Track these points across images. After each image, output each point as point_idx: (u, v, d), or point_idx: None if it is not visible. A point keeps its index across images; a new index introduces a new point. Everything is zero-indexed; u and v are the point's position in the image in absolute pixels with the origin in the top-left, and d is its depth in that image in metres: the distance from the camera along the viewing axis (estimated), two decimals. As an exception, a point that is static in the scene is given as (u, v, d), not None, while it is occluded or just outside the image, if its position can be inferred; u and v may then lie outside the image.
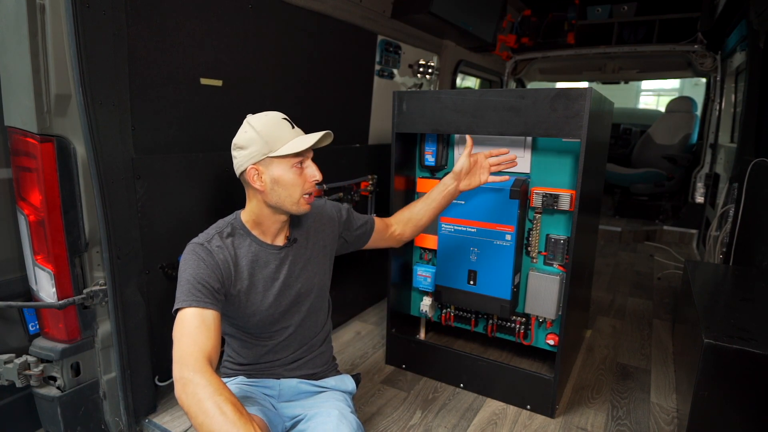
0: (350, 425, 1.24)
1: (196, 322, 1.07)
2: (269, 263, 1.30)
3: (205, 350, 1.03)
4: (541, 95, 1.62)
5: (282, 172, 1.23)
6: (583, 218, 1.76)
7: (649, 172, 4.94)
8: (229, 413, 0.93)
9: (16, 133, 1.42)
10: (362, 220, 1.56)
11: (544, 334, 1.96)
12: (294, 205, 1.25)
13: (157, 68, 1.62)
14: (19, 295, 1.58)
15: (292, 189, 1.24)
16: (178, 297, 1.12)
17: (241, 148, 1.24)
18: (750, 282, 2.12)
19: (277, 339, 1.37)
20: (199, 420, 0.93)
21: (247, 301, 1.27)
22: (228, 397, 0.95)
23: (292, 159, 1.23)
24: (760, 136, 2.84)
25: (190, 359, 1.00)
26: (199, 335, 1.05)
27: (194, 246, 1.21)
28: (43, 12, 1.32)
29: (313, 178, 1.26)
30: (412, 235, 1.68)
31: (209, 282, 1.15)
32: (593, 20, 4.53)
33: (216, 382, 0.97)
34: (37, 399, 1.55)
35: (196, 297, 1.10)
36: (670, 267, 3.74)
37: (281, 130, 1.23)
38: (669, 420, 1.80)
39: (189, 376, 0.98)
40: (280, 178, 1.23)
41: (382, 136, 2.90)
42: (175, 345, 1.04)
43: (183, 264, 1.18)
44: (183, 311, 1.09)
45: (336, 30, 2.41)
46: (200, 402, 0.94)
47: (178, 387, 0.99)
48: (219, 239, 1.24)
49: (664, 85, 11.81)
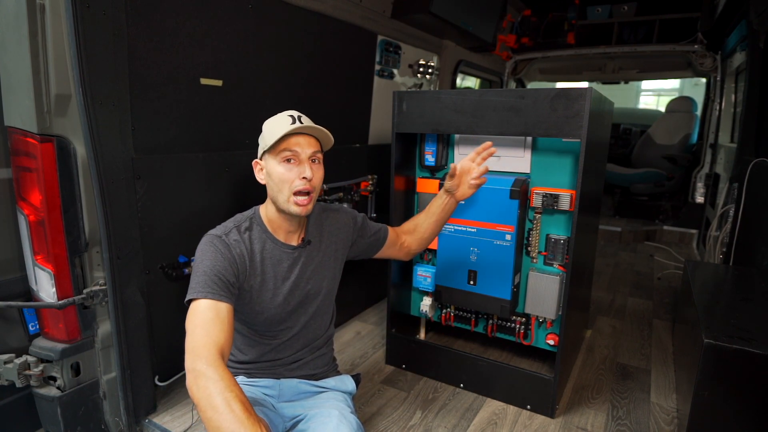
0: (350, 425, 1.24)
1: (210, 314, 1.07)
2: (282, 262, 1.31)
3: (219, 343, 1.03)
4: (541, 95, 1.62)
5: (272, 166, 1.25)
6: (583, 218, 1.76)
7: (649, 172, 4.94)
8: (237, 411, 0.93)
9: (16, 133, 1.42)
10: (375, 228, 1.57)
11: (544, 334, 1.96)
12: (285, 202, 1.25)
13: (157, 68, 1.62)
14: (19, 295, 1.58)
15: (281, 184, 1.24)
16: (193, 287, 1.11)
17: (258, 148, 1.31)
18: (750, 282, 2.12)
19: (281, 338, 1.37)
20: (207, 414, 0.93)
21: (257, 298, 1.27)
22: (238, 395, 0.95)
23: (281, 154, 1.23)
24: (760, 136, 2.84)
25: (203, 351, 1.00)
26: (213, 327, 1.05)
27: (212, 237, 1.21)
28: (43, 12, 1.32)
29: (302, 174, 1.23)
30: (419, 249, 1.67)
31: (225, 275, 1.15)
32: (593, 20, 4.53)
33: (228, 378, 0.97)
34: (37, 399, 1.55)
35: (212, 289, 1.10)
36: (670, 267, 3.74)
37: (279, 126, 1.23)
38: (669, 420, 1.80)
39: (201, 369, 0.97)
40: (271, 172, 1.25)
41: (382, 136, 2.90)
42: (189, 336, 1.04)
43: (200, 254, 1.18)
44: (197, 302, 1.09)
45: (336, 30, 2.41)
46: (210, 397, 0.94)
47: (189, 378, 0.99)
48: (237, 233, 1.25)
49: (664, 85, 11.81)
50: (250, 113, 2.00)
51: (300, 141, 1.24)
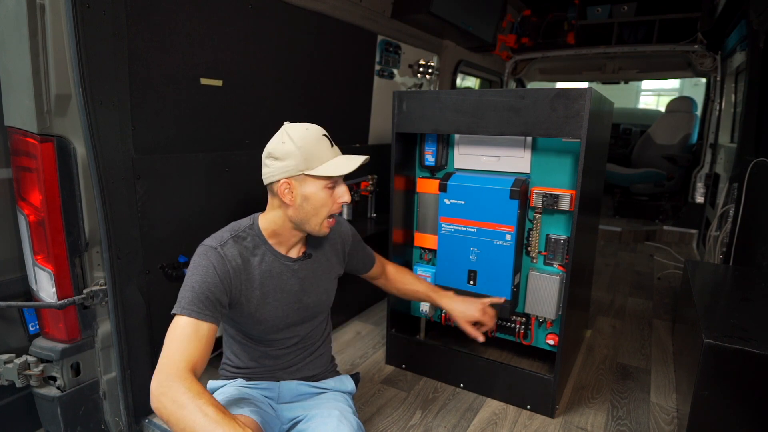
0: (350, 426, 1.24)
1: (188, 331, 1.05)
2: (282, 275, 1.28)
3: (191, 360, 1.01)
4: (541, 95, 1.62)
5: (314, 190, 1.20)
6: (583, 218, 1.76)
7: (649, 172, 4.94)
8: (211, 414, 0.91)
9: (16, 133, 1.42)
10: (367, 252, 1.59)
11: (544, 334, 1.96)
12: (317, 225, 1.23)
13: (157, 68, 1.62)
14: (19, 295, 1.58)
15: (320, 209, 1.21)
16: (180, 302, 1.09)
17: (276, 159, 1.19)
18: (750, 282, 2.12)
19: (279, 347, 1.36)
20: (181, 426, 0.91)
21: (255, 311, 1.24)
22: (209, 400, 0.94)
23: (327, 180, 1.21)
24: (760, 136, 2.84)
25: (172, 369, 0.98)
26: (189, 345, 1.03)
27: (207, 249, 1.17)
28: (43, 12, 1.32)
29: (341, 199, 1.24)
30: (388, 292, 1.76)
31: (215, 293, 1.12)
32: (593, 20, 4.53)
33: (196, 388, 0.95)
34: (37, 399, 1.55)
35: (197, 308, 1.08)
36: (670, 267, 3.74)
37: (321, 148, 1.20)
38: (669, 420, 1.80)
39: (168, 384, 0.95)
40: (311, 197, 1.20)
41: (382, 136, 2.91)
42: (163, 349, 1.03)
43: (193, 267, 1.15)
44: (180, 317, 1.07)
45: (336, 30, 2.41)
46: (182, 407, 0.92)
47: (154, 398, 0.96)
48: (233, 244, 1.20)
49: (664, 85, 11.82)
50: (250, 113, 2.00)
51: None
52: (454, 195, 1.88)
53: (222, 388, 1.33)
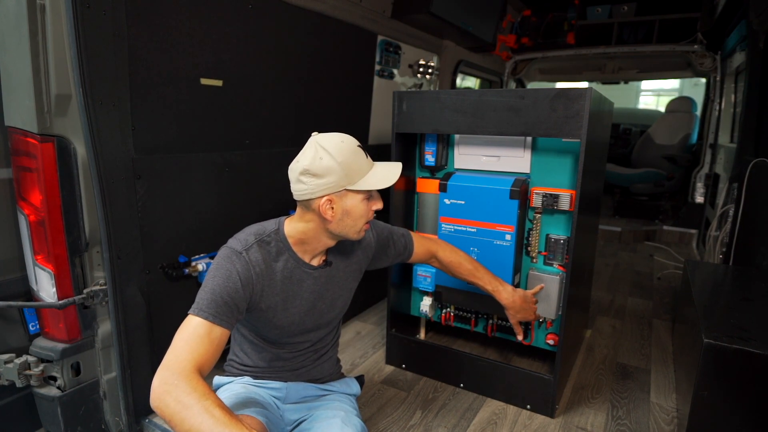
0: (354, 428, 1.24)
1: (201, 332, 1.04)
2: (303, 281, 1.27)
3: (199, 361, 1.00)
4: (541, 95, 1.62)
5: (355, 203, 1.19)
6: (583, 218, 1.76)
7: (649, 172, 4.94)
8: (218, 415, 0.90)
9: (16, 133, 1.42)
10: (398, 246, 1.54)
11: (544, 334, 1.96)
12: (355, 234, 1.23)
13: (158, 68, 1.62)
14: (20, 295, 1.58)
15: (359, 220, 1.21)
16: (198, 302, 1.08)
17: (315, 176, 1.14)
18: (750, 282, 2.13)
19: (292, 350, 1.36)
20: (185, 426, 0.90)
21: (273, 316, 1.24)
22: (215, 401, 0.93)
23: (367, 192, 1.20)
24: (760, 136, 2.84)
25: (178, 366, 0.97)
26: (199, 346, 1.02)
27: (231, 253, 1.15)
28: (43, 12, 1.32)
29: (376, 206, 1.24)
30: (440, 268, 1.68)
31: (234, 299, 1.10)
32: (593, 20, 4.53)
33: (202, 388, 0.94)
34: (38, 399, 1.55)
35: (215, 311, 1.07)
36: (670, 267, 3.74)
37: (359, 161, 1.17)
38: (669, 420, 1.80)
39: (173, 382, 0.94)
40: (352, 210, 1.19)
41: (382, 136, 2.90)
42: (171, 347, 1.01)
43: (215, 269, 1.13)
44: (194, 317, 1.06)
45: (336, 30, 2.41)
46: (187, 408, 0.90)
47: (156, 395, 0.93)
48: (258, 248, 1.18)
49: (664, 85, 11.82)
50: (250, 113, 2.00)
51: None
52: (454, 195, 1.88)
53: (228, 385, 1.33)
